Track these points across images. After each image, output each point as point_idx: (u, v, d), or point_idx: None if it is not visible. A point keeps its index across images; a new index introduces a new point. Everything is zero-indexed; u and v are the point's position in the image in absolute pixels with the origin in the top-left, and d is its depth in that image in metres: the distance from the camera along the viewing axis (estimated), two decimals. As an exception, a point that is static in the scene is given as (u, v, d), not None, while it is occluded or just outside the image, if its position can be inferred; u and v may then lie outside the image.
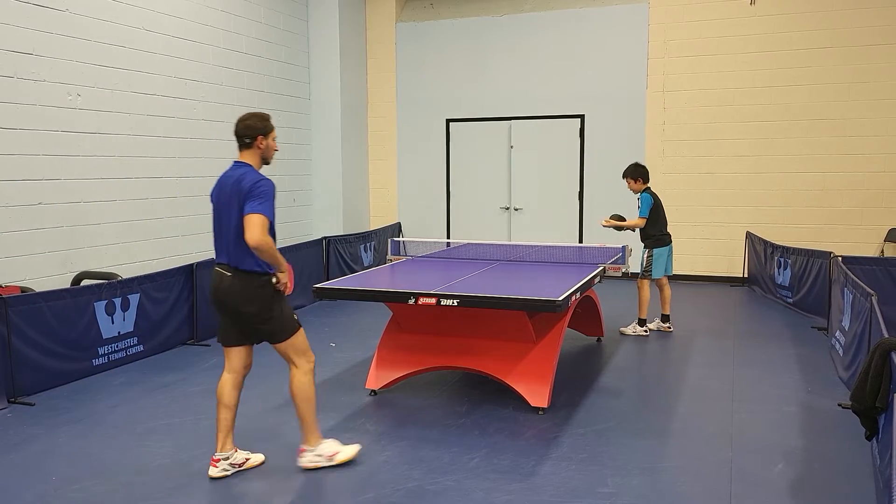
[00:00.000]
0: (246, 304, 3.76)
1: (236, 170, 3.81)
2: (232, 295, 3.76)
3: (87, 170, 6.96)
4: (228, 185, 3.76)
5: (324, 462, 3.94)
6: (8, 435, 4.57)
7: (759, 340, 6.87)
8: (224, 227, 3.78)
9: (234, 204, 3.70)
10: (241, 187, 3.69)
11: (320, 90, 10.60)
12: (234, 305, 3.78)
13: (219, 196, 3.82)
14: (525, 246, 7.13)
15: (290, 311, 3.91)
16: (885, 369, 3.72)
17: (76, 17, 6.78)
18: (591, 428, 4.63)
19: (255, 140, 3.84)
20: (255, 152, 3.85)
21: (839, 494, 3.71)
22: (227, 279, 3.76)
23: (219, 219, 3.82)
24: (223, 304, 3.83)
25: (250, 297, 3.75)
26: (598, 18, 10.20)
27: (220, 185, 3.83)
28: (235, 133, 3.85)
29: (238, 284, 3.75)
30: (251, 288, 3.75)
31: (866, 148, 9.23)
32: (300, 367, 3.91)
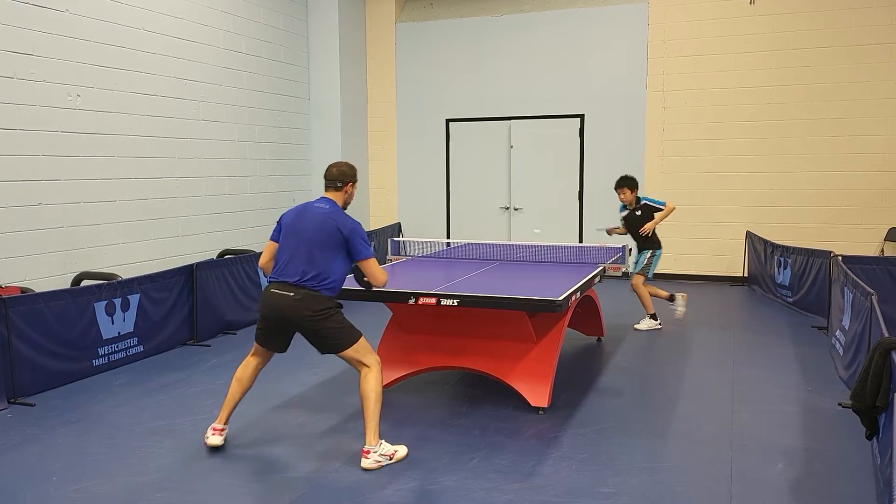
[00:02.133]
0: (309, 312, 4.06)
1: (324, 204, 4.20)
2: (299, 307, 4.04)
3: (86, 170, 6.96)
4: (319, 215, 4.13)
5: (386, 461, 4.04)
6: (8, 435, 4.57)
7: (759, 340, 6.87)
8: (305, 251, 4.08)
9: (324, 234, 4.08)
10: (339, 225, 4.08)
11: (320, 90, 10.60)
12: (297, 315, 4.06)
13: (303, 221, 4.14)
14: (525, 246, 7.12)
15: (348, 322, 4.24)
16: (885, 369, 3.72)
17: (76, 18, 6.78)
18: (591, 428, 4.63)
19: (345, 185, 4.27)
20: (342, 196, 4.27)
21: (839, 494, 3.71)
22: (290, 298, 4.04)
23: (298, 242, 4.11)
24: (288, 319, 4.09)
25: (321, 313, 4.07)
26: (598, 18, 10.20)
27: (307, 211, 4.18)
28: (328, 176, 4.27)
29: (306, 298, 4.05)
30: (322, 307, 4.08)
31: (866, 147, 9.23)
32: (372, 368, 4.14)
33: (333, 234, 4.07)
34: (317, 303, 4.05)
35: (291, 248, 4.12)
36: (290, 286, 4.06)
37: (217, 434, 4.30)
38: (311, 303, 4.03)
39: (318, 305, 4.05)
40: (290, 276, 4.08)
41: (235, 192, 9.07)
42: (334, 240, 4.08)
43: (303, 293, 4.03)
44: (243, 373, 4.33)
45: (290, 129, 10.20)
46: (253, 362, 4.34)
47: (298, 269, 4.07)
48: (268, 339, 4.26)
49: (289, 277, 4.08)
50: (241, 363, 4.36)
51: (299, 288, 4.04)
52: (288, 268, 4.10)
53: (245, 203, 9.28)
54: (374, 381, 4.10)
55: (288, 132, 10.16)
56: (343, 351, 4.15)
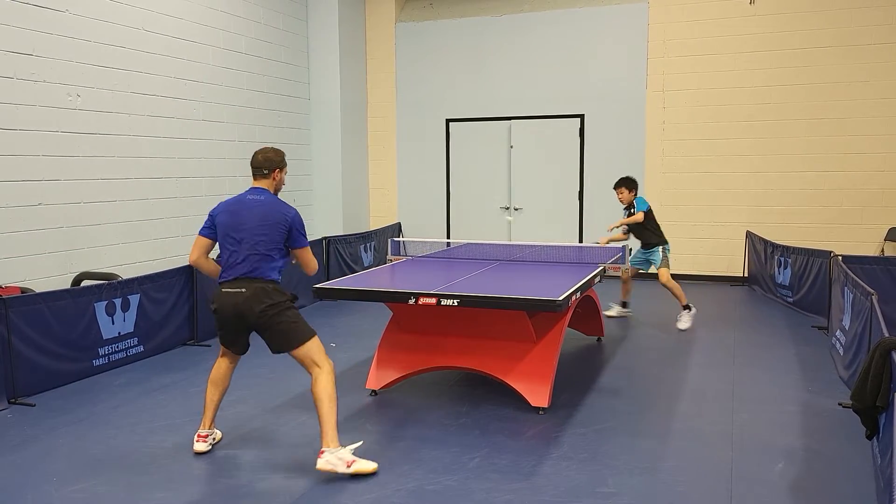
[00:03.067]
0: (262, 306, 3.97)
1: (257, 194, 4.14)
2: (252, 303, 3.96)
3: (87, 170, 6.96)
4: (259, 207, 4.07)
5: (341, 467, 3.88)
6: (8, 436, 4.57)
7: (759, 340, 6.87)
8: (249, 245, 4.01)
9: (269, 225, 4.03)
10: (284, 215, 4.07)
11: (320, 90, 10.60)
12: (251, 311, 3.97)
13: (242, 215, 4.06)
14: (525, 246, 7.12)
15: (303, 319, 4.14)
16: (885, 368, 3.72)
17: (76, 18, 6.78)
18: (591, 427, 4.63)
19: (272, 171, 4.21)
20: (271, 182, 4.22)
21: (840, 494, 3.71)
22: (242, 294, 3.98)
23: (240, 236, 4.03)
24: (243, 316, 4.00)
25: (269, 298, 3.99)
26: (598, 18, 10.20)
27: (242, 204, 4.11)
28: (254, 164, 4.20)
29: (258, 292, 3.97)
30: (271, 292, 4.00)
31: (866, 147, 9.23)
32: (323, 368, 4.02)
33: (278, 223, 4.05)
34: (269, 295, 3.99)
35: (234, 244, 4.05)
36: (240, 281, 4.00)
37: (202, 440, 4.26)
38: (264, 295, 3.97)
39: (273, 298, 3.99)
40: (238, 271, 4.01)
41: (235, 193, 9.04)
42: (278, 229, 4.05)
43: (253, 287, 3.98)
44: (216, 375, 4.29)
45: (290, 130, 10.20)
46: (224, 364, 4.30)
47: (245, 264, 4.01)
48: (229, 340, 4.20)
49: (236, 273, 4.01)
50: (213, 366, 4.32)
51: (250, 282, 3.99)
52: (235, 264, 4.03)
53: (245, 203, 9.26)
54: (325, 381, 3.98)
55: (288, 132, 10.16)
56: (297, 349, 4.04)
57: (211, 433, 4.30)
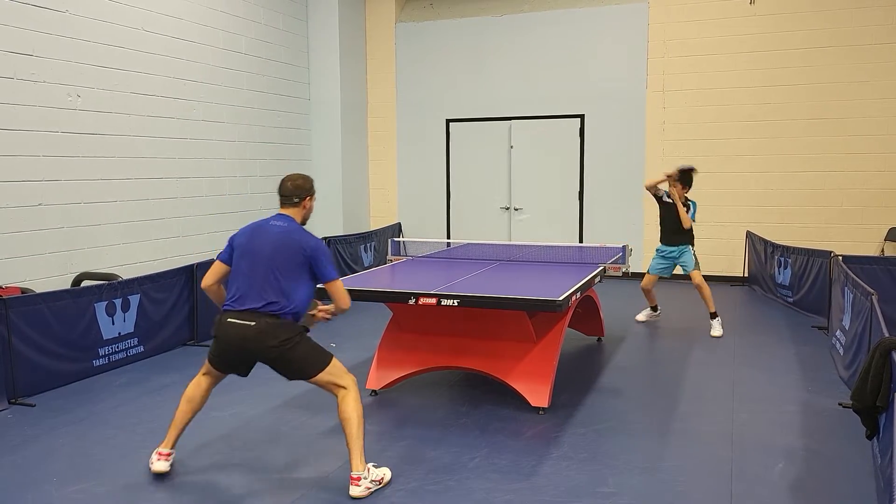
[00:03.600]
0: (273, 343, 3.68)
1: (281, 221, 3.86)
2: (264, 338, 3.67)
3: (87, 171, 6.97)
4: (277, 234, 3.79)
5: (375, 487, 3.73)
6: (8, 436, 4.57)
7: (759, 340, 6.87)
8: (263, 274, 3.72)
9: (285, 254, 3.74)
10: (301, 244, 3.77)
11: (320, 90, 10.60)
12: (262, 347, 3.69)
13: (259, 241, 3.80)
14: (525, 246, 7.12)
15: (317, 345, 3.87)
16: (885, 368, 3.72)
17: (76, 18, 6.78)
18: (591, 427, 4.63)
19: (303, 200, 3.94)
20: (300, 211, 3.95)
21: (840, 494, 3.71)
22: (251, 328, 3.67)
23: (254, 264, 3.76)
24: (252, 352, 3.73)
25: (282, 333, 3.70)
26: (598, 18, 10.20)
27: (262, 230, 3.84)
28: (283, 192, 3.93)
29: (269, 328, 3.68)
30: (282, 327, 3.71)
31: (866, 147, 9.23)
32: (349, 388, 3.79)
33: (295, 253, 3.75)
34: (281, 331, 3.68)
35: (247, 272, 3.75)
36: (250, 314, 3.68)
37: (163, 459, 3.92)
38: (275, 332, 3.66)
39: (283, 334, 3.68)
40: (249, 303, 3.70)
41: (235, 193, 9.08)
42: (296, 260, 3.74)
43: (264, 322, 3.66)
44: (194, 392, 3.95)
45: (290, 130, 10.20)
46: (205, 381, 3.96)
47: (257, 295, 3.70)
48: (224, 366, 3.90)
49: (247, 305, 3.70)
50: (192, 381, 3.97)
51: (260, 316, 3.67)
52: (245, 294, 3.72)
53: (245, 203, 9.28)
54: (353, 402, 3.74)
55: (288, 132, 10.16)
56: (315, 377, 3.78)
57: (173, 453, 3.97)
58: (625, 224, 10.20)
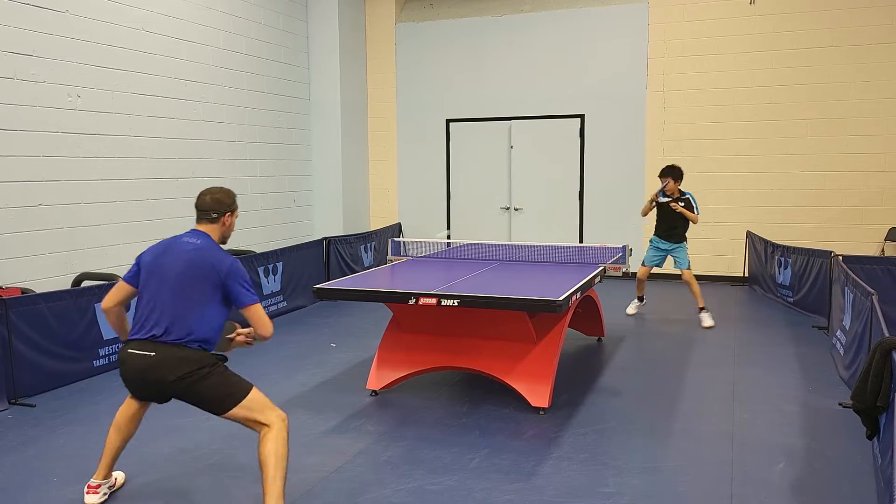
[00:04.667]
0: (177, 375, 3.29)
1: (195, 238, 3.52)
2: (162, 371, 3.29)
3: (87, 171, 6.96)
4: (188, 252, 3.43)
5: None
6: (8, 436, 4.57)
7: (759, 340, 6.87)
8: (170, 297, 3.35)
9: (195, 276, 3.38)
10: (214, 264, 3.39)
11: (320, 91, 10.60)
12: (162, 380, 3.30)
13: (168, 259, 3.44)
14: (525, 246, 7.12)
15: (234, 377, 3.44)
16: (885, 368, 3.72)
17: (76, 18, 6.78)
18: (591, 428, 4.63)
19: (222, 216, 3.62)
20: (218, 228, 3.61)
21: (840, 494, 3.71)
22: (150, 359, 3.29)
23: (160, 285, 3.38)
24: (152, 384, 3.34)
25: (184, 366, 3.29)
26: (598, 18, 10.20)
27: (172, 248, 3.48)
28: (201, 206, 3.61)
29: (170, 359, 3.29)
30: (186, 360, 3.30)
31: (866, 147, 9.23)
32: (272, 426, 3.34)
33: (207, 273, 3.36)
34: (183, 364, 3.26)
35: (152, 295, 3.37)
36: (151, 343, 3.30)
37: (92, 492, 3.57)
38: (176, 365, 3.26)
39: (186, 367, 3.26)
40: (150, 330, 3.32)
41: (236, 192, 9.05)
42: (208, 282, 3.36)
43: (164, 351, 3.27)
44: (121, 419, 3.57)
45: (290, 130, 10.20)
46: (134, 405, 3.58)
47: (160, 321, 3.31)
48: (138, 396, 3.54)
49: (149, 332, 3.32)
50: (120, 408, 3.60)
51: (161, 346, 3.29)
52: (148, 319, 3.34)
53: (245, 204, 9.25)
54: (273, 441, 3.29)
55: (288, 133, 10.16)
56: (229, 411, 3.33)
57: (106, 482, 3.64)
58: (625, 224, 10.20)
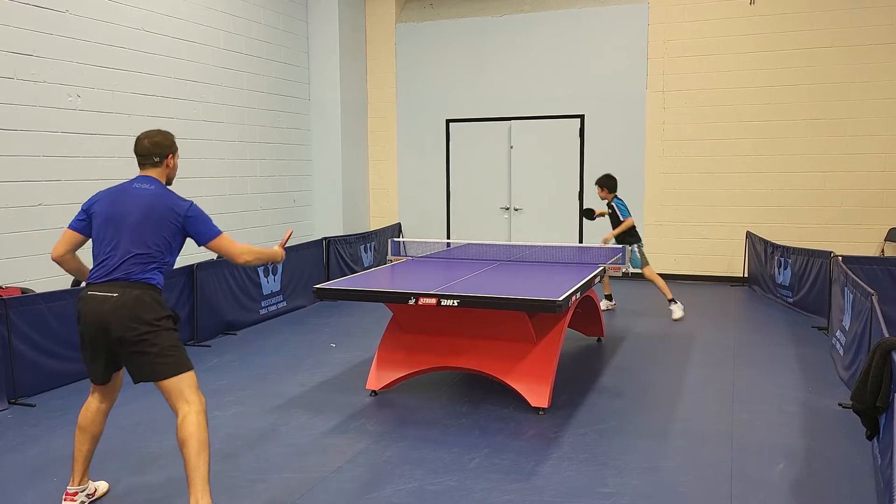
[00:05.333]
0: (136, 321, 3.28)
1: (147, 183, 3.49)
2: (122, 313, 3.27)
3: (87, 171, 6.96)
4: (145, 196, 3.42)
5: None
6: (8, 436, 4.57)
7: (759, 340, 6.87)
8: (129, 241, 3.36)
9: (155, 218, 3.39)
10: (173, 207, 3.43)
11: (320, 91, 10.61)
12: (119, 324, 3.27)
13: (125, 205, 3.41)
14: (525, 246, 7.13)
15: (181, 345, 3.45)
16: (885, 369, 3.72)
17: (76, 18, 6.78)
18: (591, 428, 4.63)
19: (164, 158, 3.57)
20: (163, 171, 3.58)
21: (840, 494, 3.71)
22: (112, 300, 3.29)
23: (118, 230, 3.37)
24: (107, 329, 3.29)
25: (146, 311, 3.31)
26: (598, 18, 10.21)
27: (126, 193, 3.45)
28: (141, 151, 3.53)
29: (133, 301, 3.29)
30: (150, 303, 3.33)
31: (866, 147, 9.23)
32: (192, 405, 3.31)
33: (167, 216, 3.40)
34: (148, 308, 3.30)
35: (110, 239, 3.37)
36: (112, 284, 3.31)
37: (70, 499, 3.53)
38: (140, 307, 3.27)
39: (150, 314, 3.29)
40: (113, 273, 3.32)
41: (235, 193, 9.08)
42: (168, 225, 3.41)
43: (128, 294, 3.28)
44: (84, 418, 3.52)
45: (290, 130, 10.20)
46: (94, 404, 3.51)
47: (122, 266, 3.33)
48: (90, 360, 3.44)
49: (111, 275, 3.32)
50: (81, 409, 3.55)
51: (124, 287, 3.30)
52: (108, 265, 3.35)
53: (245, 203, 9.29)
54: (195, 424, 3.25)
55: (288, 132, 10.16)
56: (166, 380, 3.31)
57: (84, 488, 3.58)
58: (625, 224, 10.20)
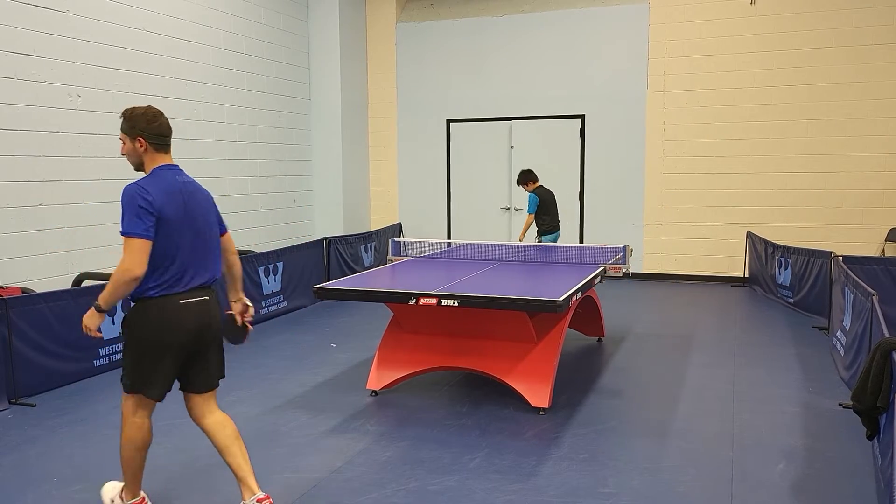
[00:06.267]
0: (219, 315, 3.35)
1: (185, 175, 3.36)
2: (216, 312, 3.31)
3: (87, 171, 6.97)
4: (199, 195, 3.31)
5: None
6: (9, 436, 4.57)
7: (759, 340, 6.87)
8: (207, 241, 3.28)
9: (212, 215, 3.35)
10: (211, 199, 3.41)
11: (320, 91, 10.61)
12: (215, 324, 3.31)
13: (192, 205, 3.24)
14: (525, 246, 7.12)
15: None
16: (885, 369, 3.72)
17: (76, 18, 6.78)
18: (591, 428, 4.63)
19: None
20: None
21: (840, 494, 3.71)
22: (207, 303, 3.26)
23: (196, 233, 3.22)
24: (204, 334, 3.25)
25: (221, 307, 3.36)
26: (598, 18, 10.20)
27: (187, 194, 3.24)
28: (168, 133, 3.36)
29: (216, 299, 3.33)
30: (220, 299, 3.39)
31: (866, 147, 9.23)
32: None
33: (214, 210, 3.38)
34: (220, 309, 3.35)
35: (189, 245, 3.17)
36: (203, 290, 3.24)
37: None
38: (218, 308, 3.34)
39: (220, 312, 3.35)
40: (192, 279, 3.20)
41: (236, 193, 9.08)
42: (215, 218, 3.38)
43: (211, 294, 3.28)
44: (146, 439, 3.31)
45: (290, 130, 10.20)
46: (149, 422, 3.31)
47: (200, 270, 3.23)
48: (169, 376, 3.23)
49: (195, 282, 3.21)
50: (141, 427, 3.28)
51: (209, 290, 3.28)
52: (187, 272, 3.18)
53: (245, 203, 9.29)
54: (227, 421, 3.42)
55: (288, 132, 10.16)
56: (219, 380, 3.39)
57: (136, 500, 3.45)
58: (625, 224, 10.21)
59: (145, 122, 3.29)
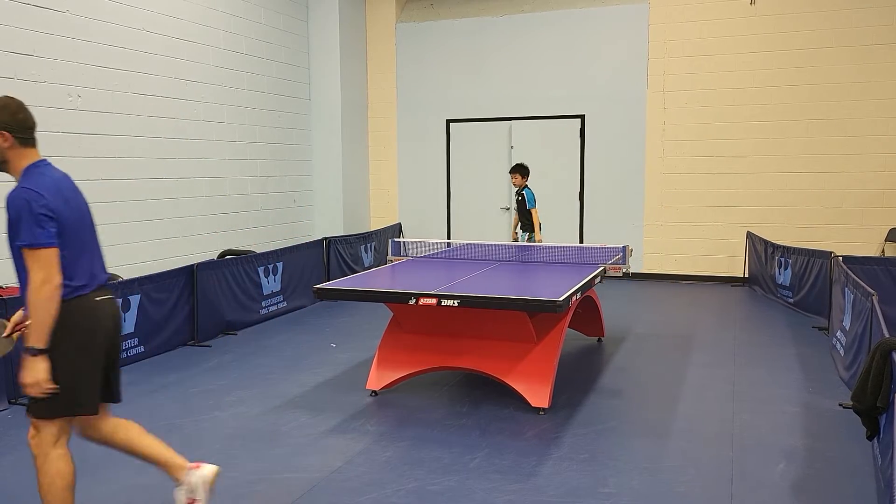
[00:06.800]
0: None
1: (60, 170, 3.02)
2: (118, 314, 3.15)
3: (87, 171, 6.96)
4: (78, 190, 3.04)
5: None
6: (8, 436, 4.57)
7: (759, 340, 6.87)
8: (97, 238, 3.09)
9: (90, 212, 3.10)
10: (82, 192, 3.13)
11: (320, 91, 10.61)
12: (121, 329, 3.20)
13: (78, 202, 3.00)
14: (525, 246, 7.12)
15: None
16: (885, 369, 3.72)
17: (76, 18, 6.78)
18: (591, 428, 4.63)
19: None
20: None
21: (840, 494, 3.71)
22: (115, 302, 3.14)
23: (87, 229, 3.02)
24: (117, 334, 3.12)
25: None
26: (598, 18, 10.20)
27: (71, 191, 2.97)
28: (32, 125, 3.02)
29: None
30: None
31: (866, 147, 9.23)
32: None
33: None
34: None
35: (86, 243, 2.99)
36: (108, 288, 3.10)
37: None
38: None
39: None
40: (99, 277, 3.05)
41: (236, 193, 9.08)
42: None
43: (112, 293, 3.16)
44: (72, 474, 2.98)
45: (290, 130, 10.20)
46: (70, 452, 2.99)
47: (101, 267, 3.08)
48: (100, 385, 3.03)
49: (98, 279, 3.03)
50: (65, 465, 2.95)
51: (109, 290, 3.12)
52: (91, 268, 2.99)
53: (245, 203, 9.28)
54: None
55: (288, 133, 10.16)
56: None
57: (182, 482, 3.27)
58: (625, 224, 10.21)
59: (9, 114, 2.91)
